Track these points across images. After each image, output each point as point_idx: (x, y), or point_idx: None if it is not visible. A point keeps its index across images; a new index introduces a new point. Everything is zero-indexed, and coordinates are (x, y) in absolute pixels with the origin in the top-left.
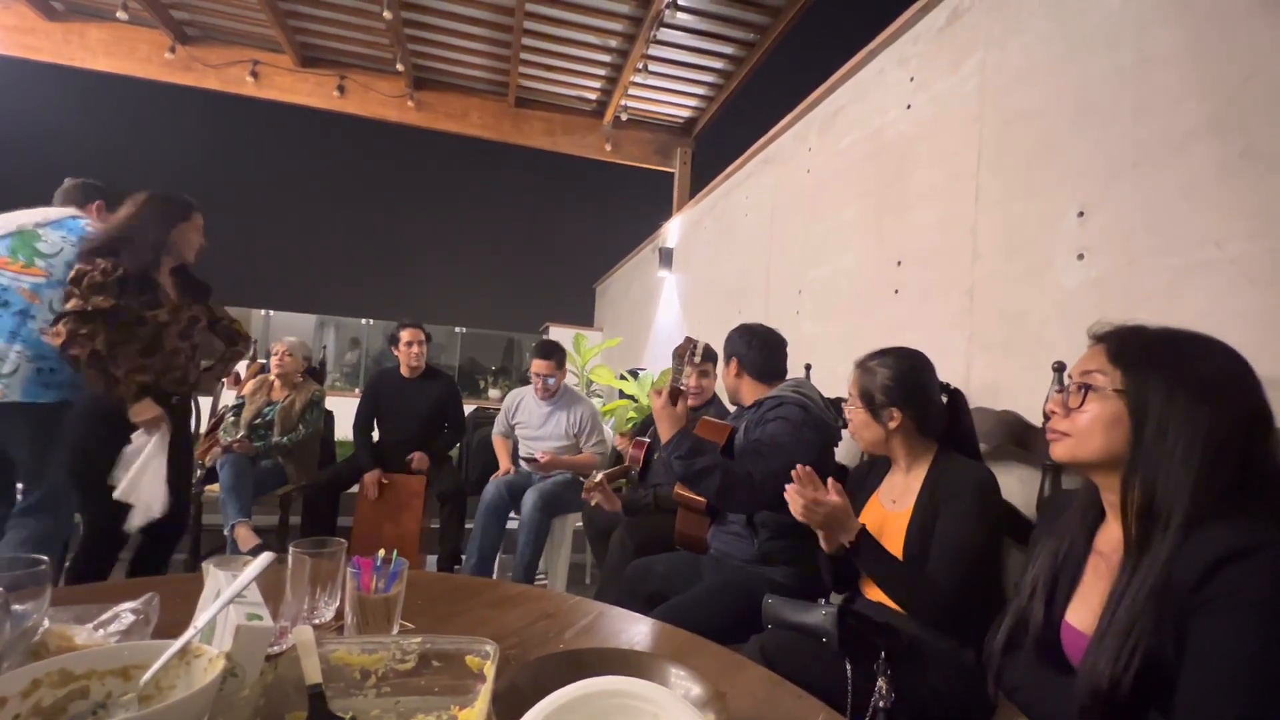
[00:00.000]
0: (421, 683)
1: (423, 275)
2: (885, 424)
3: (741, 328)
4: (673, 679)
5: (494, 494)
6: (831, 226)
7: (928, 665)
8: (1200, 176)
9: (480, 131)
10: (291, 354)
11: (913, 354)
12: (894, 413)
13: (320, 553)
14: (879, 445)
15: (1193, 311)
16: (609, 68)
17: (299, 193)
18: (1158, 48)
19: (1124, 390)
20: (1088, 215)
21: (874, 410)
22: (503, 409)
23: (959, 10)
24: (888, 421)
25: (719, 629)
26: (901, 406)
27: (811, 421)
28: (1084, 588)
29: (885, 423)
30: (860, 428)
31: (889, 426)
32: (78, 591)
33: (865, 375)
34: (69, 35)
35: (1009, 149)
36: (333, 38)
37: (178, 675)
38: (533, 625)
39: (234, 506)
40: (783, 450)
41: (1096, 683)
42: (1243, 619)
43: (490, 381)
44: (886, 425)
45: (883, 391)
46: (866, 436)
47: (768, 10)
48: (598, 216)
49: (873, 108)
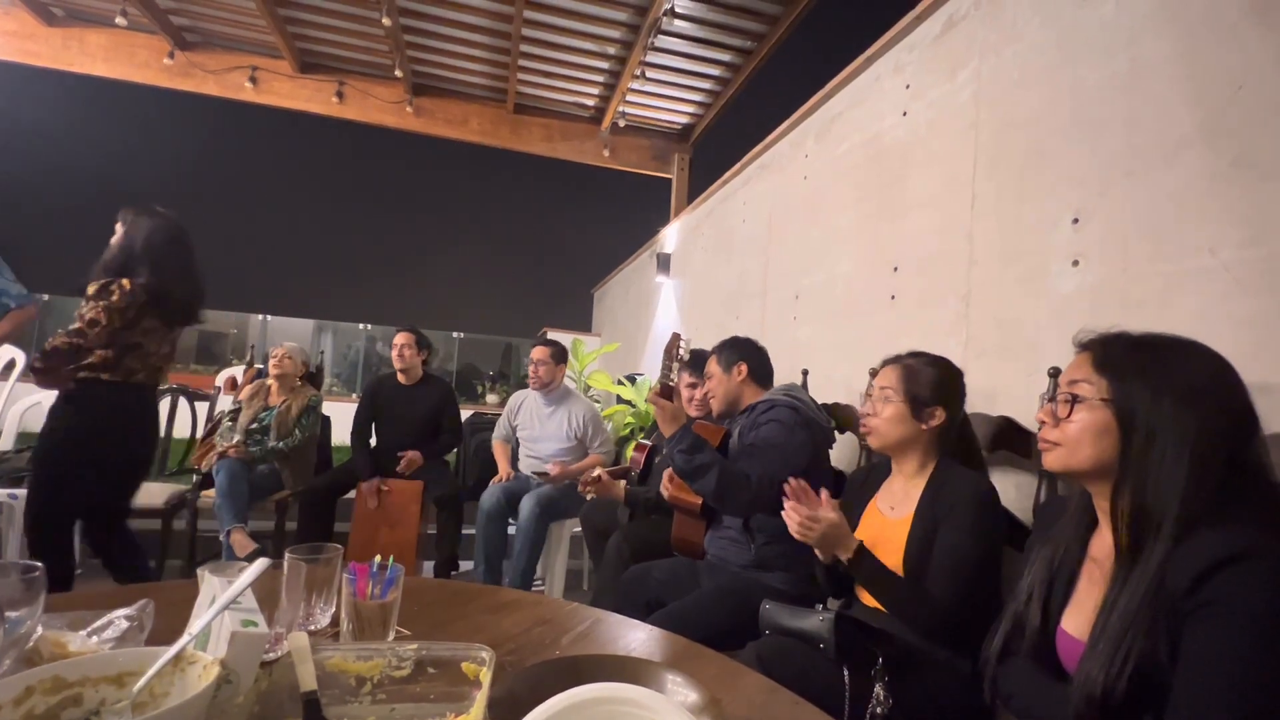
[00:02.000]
0: (417, 689)
1: (421, 280)
2: (925, 422)
3: (735, 338)
4: (669, 685)
5: (492, 501)
6: (828, 232)
7: (925, 672)
8: (1193, 184)
9: (479, 137)
10: (291, 356)
11: (949, 361)
12: (938, 412)
13: (316, 559)
14: (899, 444)
15: (1186, 317)
16: (607, 74)
17: (297, 198)
18: (1151, 56)
19: (1110, 399)
20: (1082, 222)
21: (917, 406)
22: (505, 410)
23: (954, 18)
24: (928, 420)
25: (716, 635)
26: (945, 407)
27: (803, 422)
28: (1078, 594)
29: (925, 421)
30: (892, 422)
31: (929, 425)
32: (72, 598)
33: (908, 372)
34: (68, 41)
35: (1004, 156)
36: (332, 44)
37: (172, 682)
38: (529, 631)
39: (229, 512)
40: (777, 451)
41: (1090, 689)
42: (1235, 625)
43: (488, 387)
44: (926, 423)
45: (931, 389)
46: (894, 433)
47: (765, 18)
48: (596, 222)
49: (869, 114)
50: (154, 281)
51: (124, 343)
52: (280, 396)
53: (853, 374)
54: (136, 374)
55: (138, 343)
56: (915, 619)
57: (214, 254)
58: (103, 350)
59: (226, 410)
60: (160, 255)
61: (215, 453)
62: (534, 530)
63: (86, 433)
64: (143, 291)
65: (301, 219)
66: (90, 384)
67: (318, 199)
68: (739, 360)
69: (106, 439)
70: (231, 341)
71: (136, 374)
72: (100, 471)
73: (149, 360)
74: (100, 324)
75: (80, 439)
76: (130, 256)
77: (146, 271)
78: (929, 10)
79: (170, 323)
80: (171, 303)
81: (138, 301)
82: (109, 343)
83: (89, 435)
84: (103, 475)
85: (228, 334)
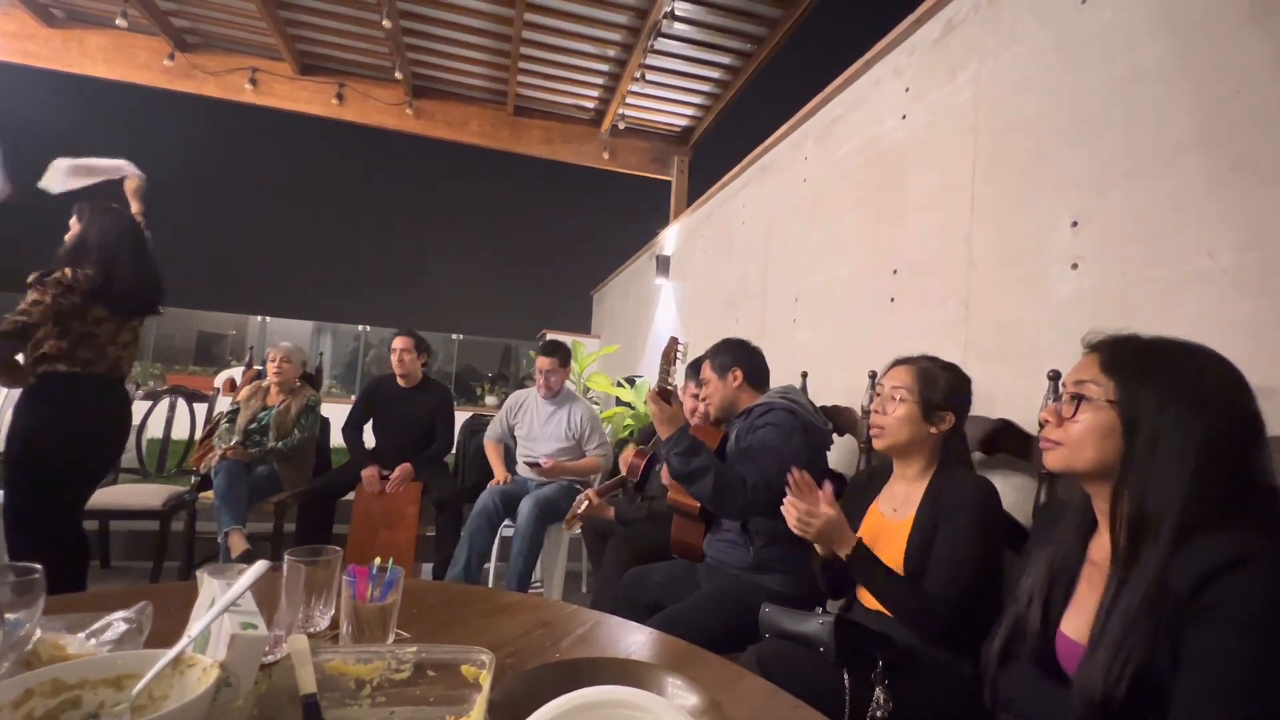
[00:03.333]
0: (417, 692)
1: (420, 282)
2: (935, 425)
3: (727, 341)
4: (669, 689)
5: (486, 503)
6: (828, 235)
7: (925, 675)
8: (1192, 187)
9: (479, 140)
10: (289, 360)
11: (960, 368)
12: (949, 416)
13: (315, 561)
14: (906, 446)
15: (1185, 321)
16: (607, 77)
17: (297, 200)
18: (1149, 60)
19: (1117, 401)
20: (1081, 225)
21: (929, 409)
22: (502, 410)
23: (954, 22)
24: (939, 423)
25: (715, 637)
26: (955, 411)
27: (800, 425)
28: (1079, 597)
29: (936, 424)
30: (903, 422)
31: (939, 428)
32: (70, 600)
33: (924, 375)
34: (68, 42)
35: (1004, 159)
36: (332, 45)
37: (171, 685)
38: (529, 634)
39: (228, 514)
40: (774, 454)
41: (1090, 693)
42: (1236, 628)
43: (487, 388)
44: (936, 427)
45: (944, 394)
46: (903, 434)
47: (764, 21)
48: (595, 224)
49: (869, 117)
50: (98, 272)
51: (77, 332)
52: (279, 397)
53: (852, 376)
54: (94, 365)
55: (90, 332)
56: (914, 617)
57: (213, 255)
58: (56, 340)
59: (225, 411)
60: (111, 249)
61: (214, 454)
62: (532, 533)
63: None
64: (86, 281)
65: (301, 221)
66: (48, 377)
67: (317, 201)
68: (733, 365)
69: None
70: (230, 343)
71: (94, 365)
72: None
73: (106, 351)
74: (44, 303)
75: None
76: (81, 250)
77: (94, 263)
78: (928, 13)
79: (121, 313)
80: (118, 293)
81: (80, 289)
82: (62, 332)
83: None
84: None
85: (227, 335)
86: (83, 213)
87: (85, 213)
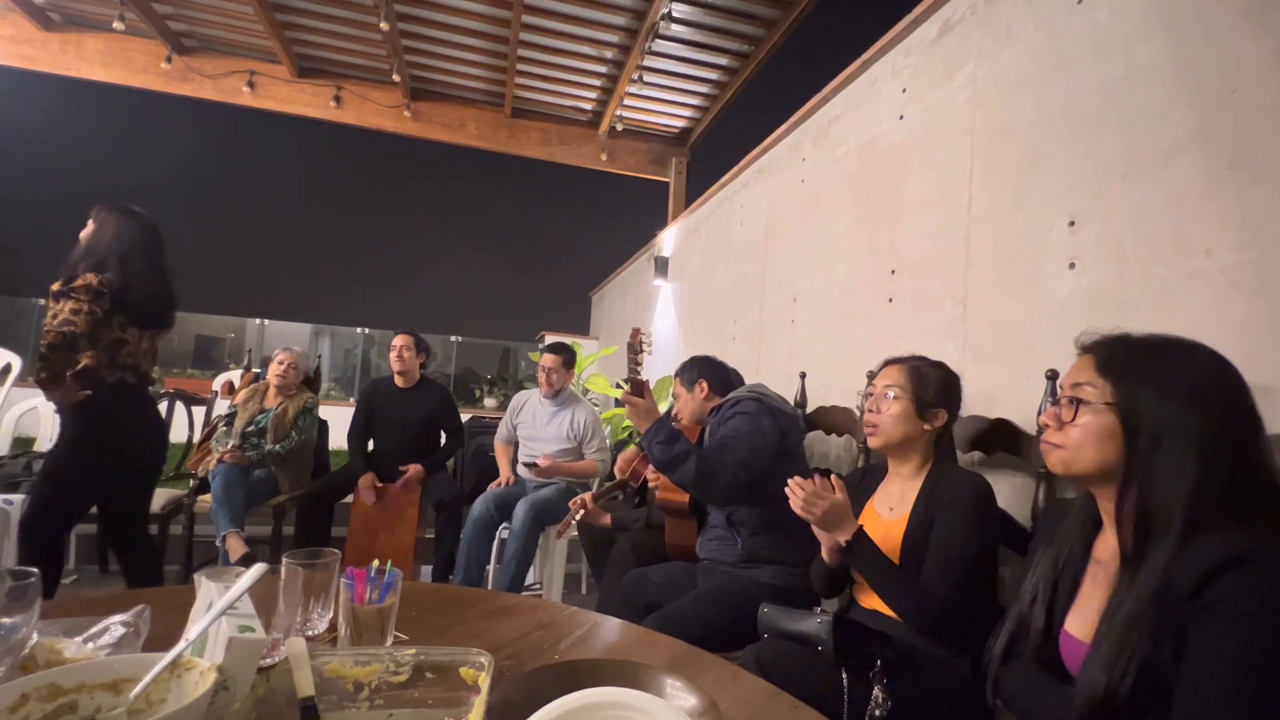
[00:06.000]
0: (415, 695)
1: (419, 285)
2: (929, 423)
3: (693, 359)
4: (668, 690)
5: (481, 510)
6: (826, 236)
7: (924, 674)
8: (1188, 187)
9: (476, 141)
10: (295, 366)
11: (948, 366)
12: (941, 413)
13: (314, 563)
14: (901, 443)
15: (1182, 320)
16: (604, 78)
17: (295, 202)
18: (1145, 61)
19: (1115, 403)
20: (1078, 225)
21: (922, 406)
22: (507, 411)
23: (950, 23)
24: (932, 420)
25: (711, 635)
26: (948, 409)
27: (768, 410)
28: (1083, 596)
29: (929, 421)
30: (897, 420)
31: (932, 425)
32: (68, 604)
33: (916, 374)
34: (65, 45)
35: (1000, 159)
36: (329, 48)
37: (169, 689)
38: (528, 636)
39: (226, 517)
40: (746, 437)
41: (1094, 691)
42: (1240, 626)
43: (485, 391)
44: (930, 424)
45: (936, 391)
46: (898, 431)
47: (762, 22)
48: (593, 226)
49: (866, 118)
50: (118, 278)
51: (106, 340)
52: (277, 399)
53: (850, 377)
54: (129, 374)
55: (119, 339)
56: (910, 609)
57: (212, 258)
58: (92, 351)
59: (222, 414)
60: (128, 253)
61: (212, 458)
62: (527, 536)
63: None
64: (108, 285)
65: (299, 223)
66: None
67: (315, 203)
68: (698, 378)
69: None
70: (228, 346)
71: (129, 374)
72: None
73: (136, 358)
74: (82, 310)
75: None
76: (97, 253)
77: (113, 268)
78: (925, 14)
79: (138, 323)
80: (136, 302)
81: (109, 294)
82: (92, 340)
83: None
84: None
85: (224, 338)
86: (99, 215)
87: (101, 214)
